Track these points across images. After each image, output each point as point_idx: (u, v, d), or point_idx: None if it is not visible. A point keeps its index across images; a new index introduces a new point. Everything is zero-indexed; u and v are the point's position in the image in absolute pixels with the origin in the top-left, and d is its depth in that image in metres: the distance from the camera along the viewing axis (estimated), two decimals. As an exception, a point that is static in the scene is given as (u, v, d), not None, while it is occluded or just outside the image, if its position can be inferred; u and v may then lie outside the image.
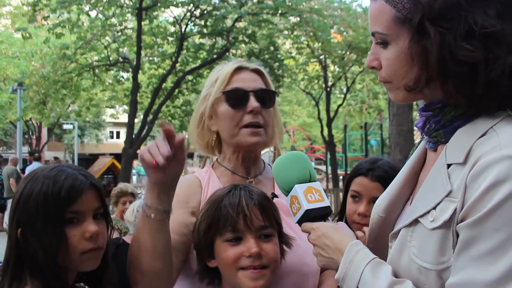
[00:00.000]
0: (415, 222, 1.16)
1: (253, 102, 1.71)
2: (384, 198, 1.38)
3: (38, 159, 14.12)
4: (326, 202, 1.40)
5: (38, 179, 1.36)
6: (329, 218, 1.42)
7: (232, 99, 1.73)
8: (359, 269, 1.18)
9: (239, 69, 1.76)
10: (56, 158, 15.34)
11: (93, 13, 13.21)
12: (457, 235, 1.07)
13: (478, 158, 1.05)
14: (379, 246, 1.33)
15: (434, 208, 1.11)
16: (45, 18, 12.57)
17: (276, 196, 1.75)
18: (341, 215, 2.17)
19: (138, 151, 12.62)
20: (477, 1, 1.08)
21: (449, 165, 1.13)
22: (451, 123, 1.17)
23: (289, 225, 1.66)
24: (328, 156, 19.35)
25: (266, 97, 1.75)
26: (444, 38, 1.08)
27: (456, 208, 1.06)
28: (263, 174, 1.84)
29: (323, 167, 25.58)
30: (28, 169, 12.89)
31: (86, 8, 12.50)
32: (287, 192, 1.44)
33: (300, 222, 1.40)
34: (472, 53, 1.06)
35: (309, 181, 1.43)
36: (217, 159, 1.86)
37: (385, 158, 2.17)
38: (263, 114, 1.73)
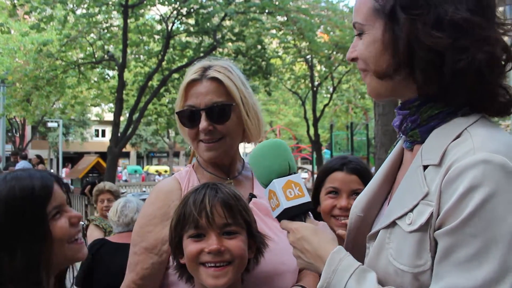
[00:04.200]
0: (393, 224, 1.16)
1: (203, 123, 1.68)
2: (362, 197, 1.38)
3: (25, 157, 13.92)
4: (306, 198, 1.33)
5: None
6: (309, 213, 1.36)
7: (184, 120, 1.74)
8: (343, 279, 1.16)
9: (194, 82, 1.72)
10: (38, 157, 15.11)
11: (78, 10, 13.08)
12: (435, 240, 1.07)
13: (453, 163, 1.05)
14: (357, 245, 1.33)
15: (412, 210, 1.11)
16: (27, 13, 12.40)
17: (255, 196, 1.76)
18: (312, 214, 2.17)
19: (123, 150, 12.52)
20: None
21: (425, 167, 1.13)
22: (427, 122, 1.18)
23: (267, 225, 1.68)
24: (314, 155, 19.42)
25: (220, 112, 1.70)
26: (413, 24, 1.11)
27: (432, 212, 1.06)
28: (243, 174, 1.84)
29: (309, 166, 25.67)
30: (17, 167, 12.71)
31: (71, 5, 12.36)
32: (265, 184, 1.38)
33: (279, 218, 1.35)
34: (439, 39, 1.08)
35: (289, 174, 1.36)
36: (197, 159, 1.86)
37: (351, 155, 2.19)
38: (218, 128, 1.70)
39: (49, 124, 29.80)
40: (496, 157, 1.01)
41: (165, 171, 38.81)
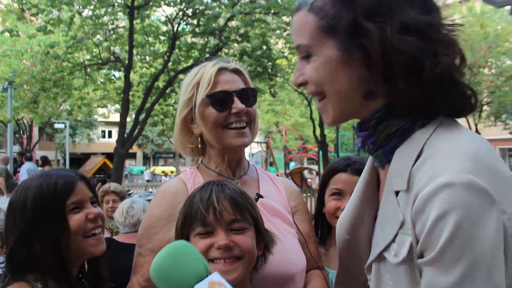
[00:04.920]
0: (382, 256, 1.13)
1: (238, 104, 1.73)
2: (345, 218, 1.35)
3: (30, 159, 14.00)
4: None
5: (30, 188, 1.58)
6: None
7: (217, 102, 1.74)
8: None
9: (220, 70, 1.77)
10: (42, 158, 15.16)
11: (84, 12, 13.13)
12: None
13: (419, 191, 1.00)
14: (351, 264, 1.31)
15: (393, 240, 1.08)
16: (34, 15, 12.46)
17: (261, 197, 1.75)
18: (317, 216, 2.17)
19: (130, 151, 12.54)
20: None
21: (397, 192, 1.09)
22: (387, 143, 1.13)
23: (275, 226, 1.67)
24: (321, 155, 19.38)
25: (249, 96, 1.79)
26: (382, 31, 1.05)
27: (411, 243, 1.03)
28: (248, 174, 1.85)
29: (315, 167, 25.64)
30: (23, 169, 12.78)
31: (77, 7, 12.40)
32: None
33: None
34: (411, 42, 1.04)
35: (206, 276, 1.15)
36: (201, 160, 1.86)
37: (355, 156, 2.19)
38: (248, 111, 1.76)
39: (56, 125, 29.94)
40: (460, 177, 0.95)
41: (172, 172, 38.89)
